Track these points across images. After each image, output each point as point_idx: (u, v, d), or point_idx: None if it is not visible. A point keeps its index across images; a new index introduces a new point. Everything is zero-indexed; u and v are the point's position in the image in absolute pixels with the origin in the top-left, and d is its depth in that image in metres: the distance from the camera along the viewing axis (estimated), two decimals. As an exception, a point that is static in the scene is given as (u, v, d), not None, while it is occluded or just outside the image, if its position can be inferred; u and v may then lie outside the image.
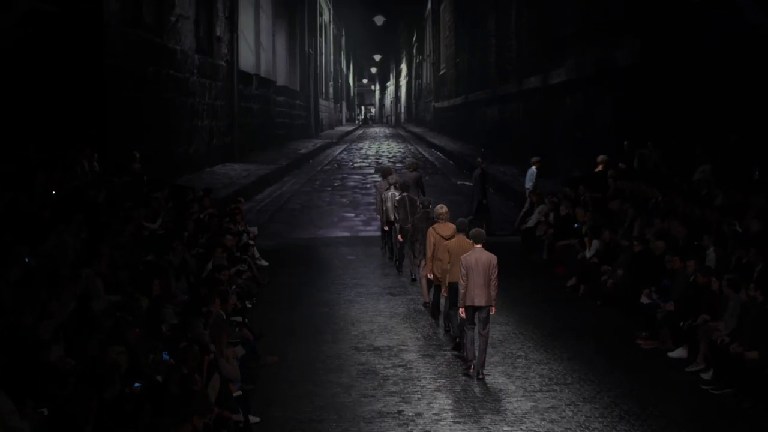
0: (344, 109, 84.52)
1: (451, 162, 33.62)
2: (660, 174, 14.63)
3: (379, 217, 15.26)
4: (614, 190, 14.57)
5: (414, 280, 12.82)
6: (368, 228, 18.58)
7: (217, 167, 24.64)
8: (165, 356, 7.25)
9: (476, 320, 8.80)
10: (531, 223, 15.48)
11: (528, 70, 25.16)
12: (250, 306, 11.20)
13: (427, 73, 63.90)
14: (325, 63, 61.40)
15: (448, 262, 9.48)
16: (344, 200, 22.94)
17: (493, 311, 8.84)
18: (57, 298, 7.82)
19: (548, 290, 12.59)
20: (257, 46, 32.54)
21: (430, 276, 10.58)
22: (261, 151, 31.24)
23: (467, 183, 25.64)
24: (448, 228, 10.29)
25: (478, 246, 8.84)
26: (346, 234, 18.01)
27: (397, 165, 29.78)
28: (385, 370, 9.01)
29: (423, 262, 11.22)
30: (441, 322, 10.58)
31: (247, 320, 9.98)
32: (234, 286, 10.43)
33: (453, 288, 9.33)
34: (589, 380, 8.62)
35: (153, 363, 7.15)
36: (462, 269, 8.71)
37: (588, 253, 12.34)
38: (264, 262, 13.87)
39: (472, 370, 8.77)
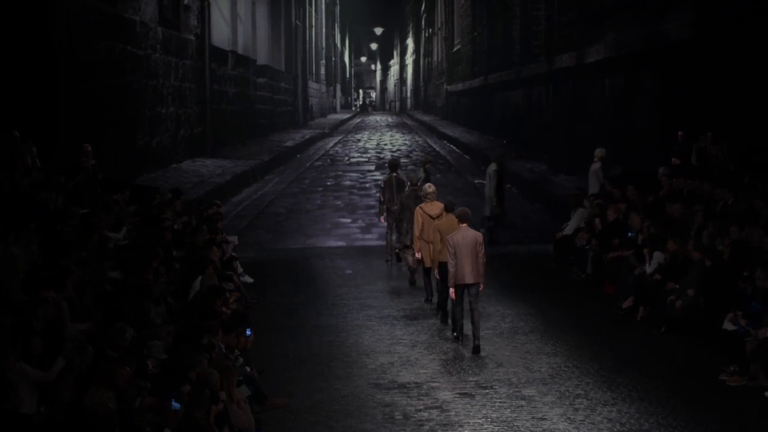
0: (339, 94, 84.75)
1: (467, 157, 33.83)
2: (726, 171, 14.31)
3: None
4: (669, 190, 14.30)
5: (388, 261, 14.91)
6: (368, 236, 18.59)
7: (186, 163, 24.65)
8: (175, 404, 6.99)
9: (465, 297, 10.57)
10: (568, 230, 15.20)
11: (559, 46, 25.17)
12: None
13: (439, 50, 64.14)
14: (315, 38, 61.40)
15: (440, 242, 11.15)
16: (339, 203, 22.94)
17: (481, 287, 10.62)
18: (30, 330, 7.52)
19: (598, 313, 12.35)
20: (233, 17, 32.46)
21: (418, 255, 12.34)
22: (238, 143, 31.46)
23: (485, 182, 25.40)
24: (435, 207, 12.01)
25: (464, 225, 10.61)
26: (341, 243, 18.00)
27: (402, 160, 29.64)
28: (417, 413, 8.71)
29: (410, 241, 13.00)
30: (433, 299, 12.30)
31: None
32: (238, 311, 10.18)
33: (444, 267, 10.97)
34: (669, 426, 8.32)
35: (153, 409, 6.86)
36: (450, 248, 10.50)
37: (648, 268, 12.02)
38: (249, 279, 13.86)
39: (460, 343, 10.69)
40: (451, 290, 10.58)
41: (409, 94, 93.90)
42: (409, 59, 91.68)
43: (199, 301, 9.78)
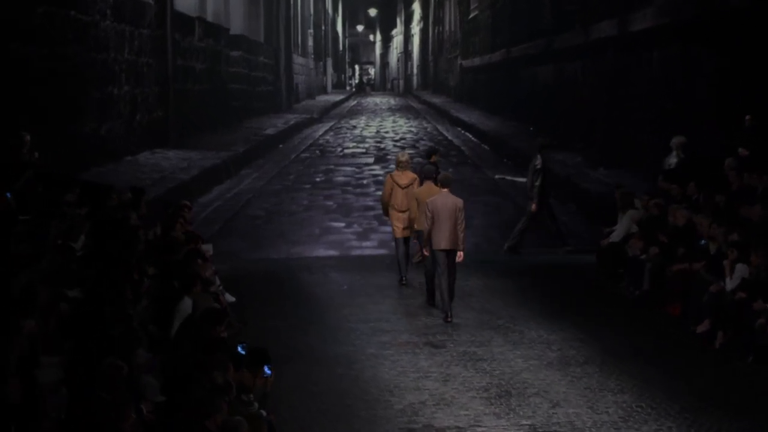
0: (330, 70, 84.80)
1: (486, 146, 34.12)
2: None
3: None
4: (740, 187, 14.14)
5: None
6: (365, 244, 18.72)
7: (143, 155, 24.62)
8: None
9: (443, 264, 12.52)
10: (615, 237, 15.15)
11: (598, 11, 25.23)
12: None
13: (451, 17, 64.07)
14: (301, 2, 61.25)
15: (416, 210, 13.34)
16: (329, 203, 23.04)
17: (461, 257, 12.60)
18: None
19: (664, 339, 12.32)
20: (202, -23, 32.34)
21: (386, 218, 15.15)
22: (208, 131, 31.45)
23: (508, 177, 25.35)
24: (406, 176, 14.53)
25: (445, 190, 12.60)
26: (332, 253, 18.05)
27: (408, 151, 29.59)
28: (465, 468, 8.72)
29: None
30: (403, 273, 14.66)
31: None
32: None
33: (421, 234, 13.17)
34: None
35: None
36: (427, 212, 12.44)
37: (729, 284, 11.93)
38: (231, 297, 13.74)
39: (449, 319, 12.61)
40: (424, 250, 12.92)
41: (415, 70, 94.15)
42: (416, 28, 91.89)
43: (197, 327, 9.56)
